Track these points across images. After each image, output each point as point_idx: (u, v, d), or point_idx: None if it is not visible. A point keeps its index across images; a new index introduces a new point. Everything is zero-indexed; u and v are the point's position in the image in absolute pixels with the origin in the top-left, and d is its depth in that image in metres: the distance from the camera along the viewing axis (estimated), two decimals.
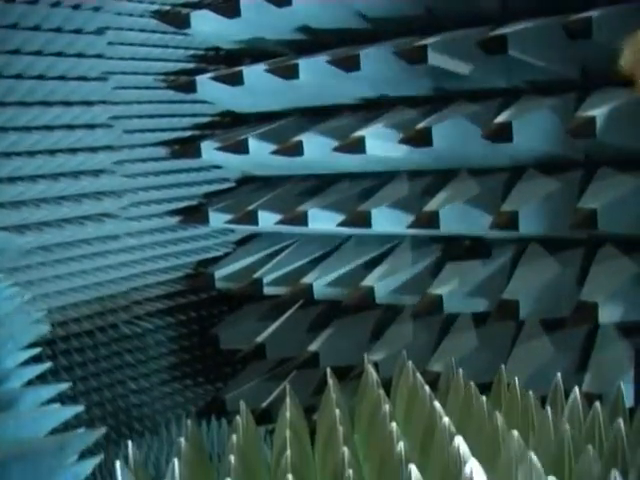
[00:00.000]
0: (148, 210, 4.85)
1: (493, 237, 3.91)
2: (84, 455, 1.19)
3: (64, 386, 1.23)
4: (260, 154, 4.35)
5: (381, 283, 4.06)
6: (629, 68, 1.61)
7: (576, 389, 2.69)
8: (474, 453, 2.09)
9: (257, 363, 4.71)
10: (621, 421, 2.25)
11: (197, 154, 4.71)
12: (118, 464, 2.17)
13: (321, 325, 4.44)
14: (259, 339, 4.53)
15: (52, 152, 4.29)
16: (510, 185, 3.79)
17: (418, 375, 2.80)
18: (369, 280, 4.07)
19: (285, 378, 4.28)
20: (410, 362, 2.94)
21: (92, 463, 1.12)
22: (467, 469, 1.95)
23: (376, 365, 3.68)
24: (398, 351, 3.28)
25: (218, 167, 4.97)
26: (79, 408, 1.20)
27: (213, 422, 4.51)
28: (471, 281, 3.88)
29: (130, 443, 2.46)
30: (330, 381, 2.90)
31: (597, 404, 2.48)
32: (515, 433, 2.20)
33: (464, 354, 3.79)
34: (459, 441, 2.10)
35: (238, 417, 2.71)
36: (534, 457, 2.03)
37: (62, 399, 1.28)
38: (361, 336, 4.29)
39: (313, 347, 4.28)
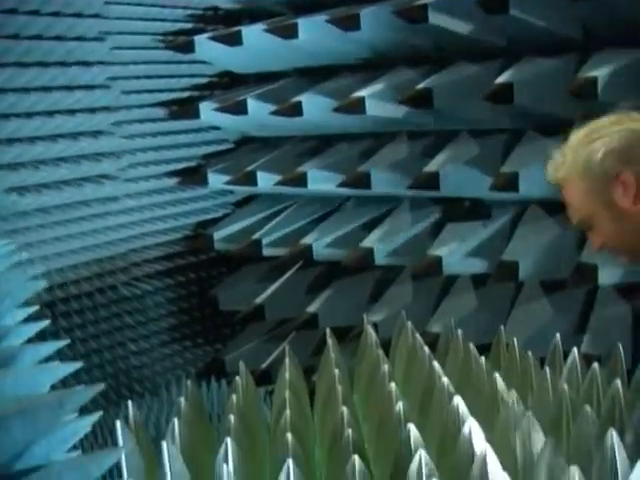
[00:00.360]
0: (146, 171, 4.85)
1: (493, 198, 3.90)
2: (84, 414, 1.19)
3: (63, 343, 1.24)
4: (259, 115, 4.33)
5: (380, 244, 4.06)
6: (554, 182, 1.62)
7: (575, 350, 2.70)
8: (473, 413, 2.10)
9: (256, 324, 4.72)
10: (619, 382, 2.26)
11: (195, 115, 4.68)
12: (118, 424, 2.18)
13: (320, 286, 4.44)
14: (258, 300, 4.53)
15: (50, 113, 4.28)
16: (510, 147, 3.77)
17: (417, 336, 2.81)
18: (368, 241, 4.07)
19: (284, 339, 4.30)
20: (409, 323, 2.95)
21: (91, 420, 1.13)
22: (466, 428, 1.95)
23: (375, 326, 3.68)
24: (397, 312, 3.29)
25: (217, 128, 4.95)
26: (78, 365, 1.20)
27: (213, 383, 4.54)
28: (471, 242, 3.87)
29: (130, 403, 2.47)
30: (329, 341, 2.91)
31: (595, 365, 2.49)
32: (514, 393, 2.20)
33: (463, 315, 3.79)
34: (458, 401, 2.11)
35: (237, 378, 2.72)
36: (532, 417, 2.03)
37: (62, 361, 1.28)
38: (360, 297, 4.29)
39: (312, 308, 4.29)
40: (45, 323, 1.27)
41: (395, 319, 3.21)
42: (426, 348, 2.69)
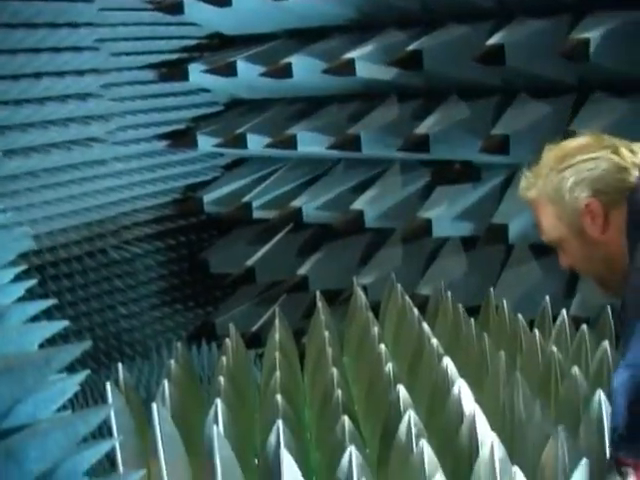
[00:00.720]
0: (136, 134, 4.81)
1: (483, 161, 3.89)
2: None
3: (50, 302, 1.23)
4: (249, 76, 4.30)
5: (370, 207, 4.06)
6: (525, 200, 1.63)
7: (564, 312, 2.71)
8: (462, 374, 2.11)
9: (247, 287, 4.72)
10: (607, 343, 2.27)
11: (185, 77, 4.66)
12: (108, 385, 2.18)
13: (310, 249, 4.44)
14: (249, 263, 4.53)
15: (38, 75, 4.23)
16: (501, 109, 3.76)
17: (407, 298, 2.81)
18: (358, 204, 4.07)
19: (275, 302, 4.30)
20: (399, 285, 2.95)
21: (78, 378, 1.12)
22: (455, 389, 1.96)
23: (365, 288, 3.69)
24: (387, 275, 3.29)
25: (206, 90, 4.92)
26: (65, 323, 1.19)
27: (203, 346, 4.54)
28: (461, 205, 3.87)
29: (120, 365, 2.48)
30: (319, 304, 2.92)
31: (584, 327, 2.50)
32: (502, 354, 2.21)
33: (453, 278, 3.80)
34: (447, 362, 2.12)
35: (227, 340, 2.72)
36: (521, 378, 2.04)
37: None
38: (350, 260, 4.30)
39: (302, 271, 4.29)
40: (32, 282, 1.26)
41: (385, 282, 3.22)
42: (415, 310, 2.70)
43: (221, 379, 2.29)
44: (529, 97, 3.72)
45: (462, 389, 1.95)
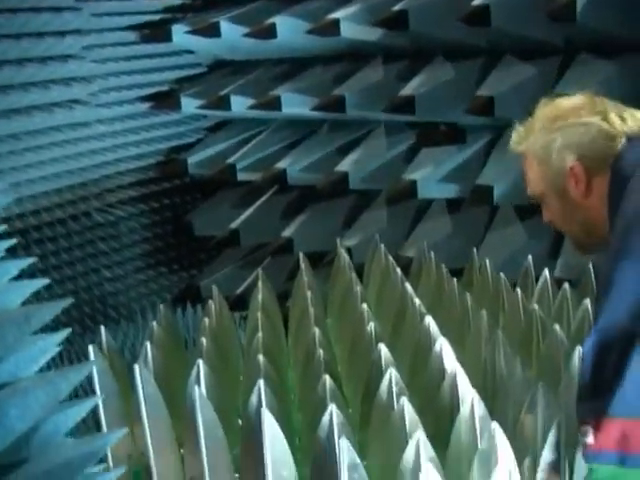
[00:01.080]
0: (118, 96, 4.76)
1: (468, 123, 3.88)
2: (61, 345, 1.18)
3: (32, 260, 1.22)
4: (232, 37, 4.26)
5: (355, 168, 4.04)
6: (515, 151, 1.63)
7: (546, 271, 2.72)
8: (444, 332, 2.12)
9: (231, 250, 4.72)
10: (588, 301, 2.28)
11: (168, 38, 4.60)
12: (91, 348, 2.18)
13: (295, 211, 4.43)
14: (233, 225, 4.52)
15: (17, 36, 4.18)
16: (486, 70, 3.74)
17: (390, 258, 2.82)
18: (343, 165, 4.05)
19: (259, 264, 4.29)
20: (382, 246, 2.95)
21: (60, 337, 1.12)
22: (437, 347, 1.97)
23: (349, 250, 3.69)
24: (372, 236, 3.29)
25: (189, 52, 4.87)
26: (46, 281, 1.18)
27: (188, 309, 4.54)
28: (446, 167, 3.86)
29: (103, 328, 2.47)
30: (302, 265, 2.91)
31: (566, 285, 2.52)
32: (484, 313, 2.22)
33: (438, 240, 3.80)
34: (429, 321, 2.13)
35: (210, 302, 2.72)
36: (502, 336, 2.05)
37: (37, 293, 1.27)
38: (335, 222, 4.29)
39: (287, 233, 4.28)
40: (12, 241, 1.25)
41: (369, 243, 3.22)
42: (399, 270, 2.71)
43: (204, 340, 2.29)
44: (515, 58, 3.70)
45: (444, 347, 1.96)
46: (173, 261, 5.16)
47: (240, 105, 4.32)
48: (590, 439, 1.29)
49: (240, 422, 2.08)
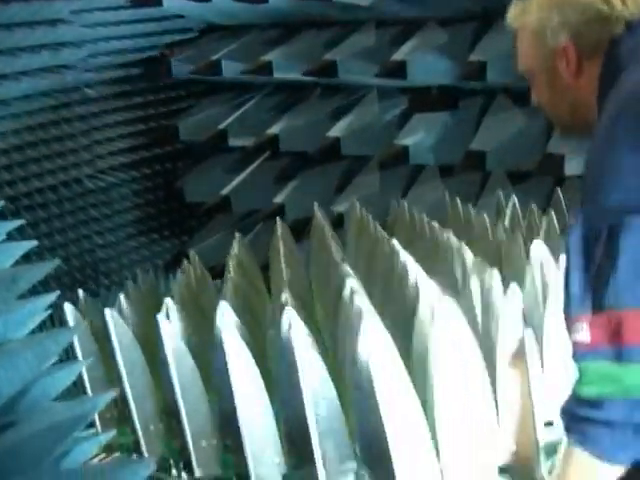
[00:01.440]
0: (108, 61, 4.73)
1: (460, 87, 3.86)
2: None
3: (21, 222, 1.21)
4: (223, 1, 4.22)
5: (347, 134, 4.03)
6: (510, 25, 1.60)
7: (514, 196, 2.99)
8: (416, 259, 2.17)
9: (223, 216, 4.70)
10: (552, 211, 2.55)
11: (158, 2, 4.55)
12: (66, 306, 2.19)
13: (287, 177, 4.42)
14: (224, 191, 4.50)
15: (5, 1, 4.14)
16: (479, 35, 3.72)
17: (364, 211, 2.89)
18: (335, 131, 4.03)
19: (251, 231, 4.29)
20: (357, 203, 3.04)
21: (48, 299, 1.11)
22: (402, 258, 2.09)
23: (341, 215, 3.69)
24: (364, 202, 3.30)
25: (180, 16, 4.83)
26: (33, 243, 1.17)
27: (178, 275, 4.53)
28: (438, 132, 3.85)
29: (80, 291, 2.52)
30: (278, 229, 2.98)
31: (533, 206, 2.79)
32: (452, 236, 2.33)
33: (430, 205, 3.79)
34: (397, 245, 2.23)
35: (186, 262, 2.79)
36: (467, 248, 2.20)
37: (29, 256, 1.26)
38: (327, 187, 4.28)
39: (279, 199, 4.27)
40: (0, 203, 1.24)
41: (362, 209, 3.22)
42: (376, 223, 2.77)
43: (176, 288, 2.34)
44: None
45: (408, 261, 2.06)
46: (164, 227, 5.14)
47: (232, 70, 4.29)
48: (583, 335, 1.23)
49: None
